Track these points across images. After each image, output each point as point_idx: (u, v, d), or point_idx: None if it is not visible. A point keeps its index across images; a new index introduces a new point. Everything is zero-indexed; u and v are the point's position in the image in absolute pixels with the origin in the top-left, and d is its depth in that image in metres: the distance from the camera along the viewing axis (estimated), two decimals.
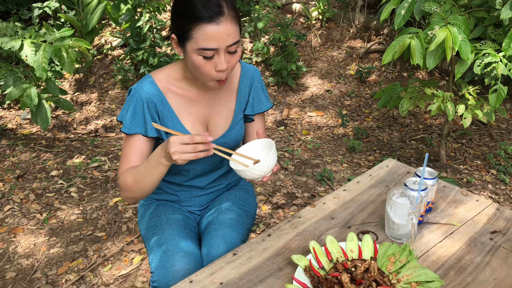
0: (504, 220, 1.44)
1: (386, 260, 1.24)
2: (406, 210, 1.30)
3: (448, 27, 2.09)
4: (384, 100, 2.71)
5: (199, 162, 1.52)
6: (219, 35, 1.23)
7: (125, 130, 1.38)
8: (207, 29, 1.22)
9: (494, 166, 2.98)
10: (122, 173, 1.38)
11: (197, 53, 1.25)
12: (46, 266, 2.17)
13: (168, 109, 1.41)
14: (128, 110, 1.39)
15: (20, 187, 2.78)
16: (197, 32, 1.22)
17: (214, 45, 1.23)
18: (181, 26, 1.26)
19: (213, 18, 1.21)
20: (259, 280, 1.22)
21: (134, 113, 1.38)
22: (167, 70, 1.44)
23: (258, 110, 1.55)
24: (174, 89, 1.42)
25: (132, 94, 1.39)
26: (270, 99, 1.61)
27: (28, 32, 2.75)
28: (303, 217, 1.48)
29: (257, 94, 1.55)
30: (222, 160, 1.59)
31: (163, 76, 1.42)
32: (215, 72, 1.28)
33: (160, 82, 1.41)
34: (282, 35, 4.06)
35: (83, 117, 3.95)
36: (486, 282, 1.19)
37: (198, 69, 1.29)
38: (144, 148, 1.40)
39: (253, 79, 1.54)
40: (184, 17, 1.24)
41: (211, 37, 1.22)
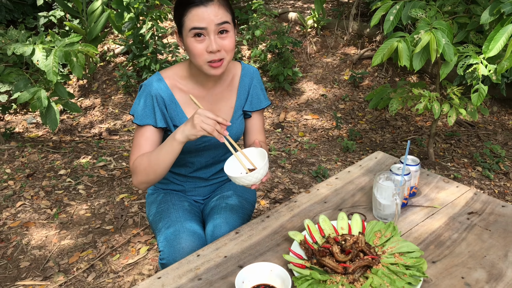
0: (480, 203, 1.60)
1: (373, 235, 1.39)
2: (391, 191, 1.45)
3: (433, 31, 2.26)
4: (375, 101, 2.87)
5: (203, 155, 1.66)
6: (207, 14, 1.38)
7: (137, 121, 1.52)
8: (196, 10, 1.38)
9: (480, 164, 3.14)
10: (135, 159, 1.51)
11: (190, 36, 1.40)
12: (58, 256, 2.31)
13: (175, 104, 1.55)
14: (139, 103, 1.53)
15: (30, 185, 2.92)
16: (188, 15, 1.39)
17: (202, 24, 1.38)
18: (178, 16, 1.43)
19: (202, 2, 1.38)
20: (259, 253, 1.36)
21: (145, 106, 1.52)
22: (174, 69, 1.58)
23: (256, 107, 1.69)
24: (180, 86, 1.56)
25: (142, 89, 1.54)
26: (268, 98, 1.76)
27: (39, 38, 2.91)
28: (298, 201, 1.63)
29: (256, 93, 1.68)
30: (224, 154, 1.73)
31: (171, 74, 1.57)
32: (207, 53, 1.41)
33: (168, 79, 1.55)
34: (279, 42, 4.24)
35: (88, 121, 4.10)
36: (461, 254, 1.34)
37: (192, 51, 1.42)
38: (155, 137, 1.54)
39: (252, 79, 1.68)
40: (179, 7, 1.42)
41: (199, 17, 1.38)
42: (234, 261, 1.33)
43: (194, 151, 1.63)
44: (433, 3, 2.53)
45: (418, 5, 2.47)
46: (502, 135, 3.61)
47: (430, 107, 2.48)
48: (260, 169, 1.35)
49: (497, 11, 2.25)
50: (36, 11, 4.94)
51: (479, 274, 1.26)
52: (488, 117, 3.90)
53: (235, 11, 4.96)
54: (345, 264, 1.23)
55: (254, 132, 1.72)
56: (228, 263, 1.32)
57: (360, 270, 1.23)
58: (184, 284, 1.25)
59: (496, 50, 2.20)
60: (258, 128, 1.72)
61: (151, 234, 2.45)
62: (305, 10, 5.42)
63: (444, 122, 3.82)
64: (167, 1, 4.21)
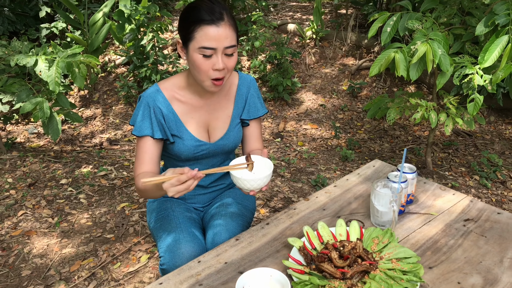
0: (476, 210, 1.62)
1: (370, 241, 1.41)
2: (388, 198, 1.48)
3: (429, 42, 2.31)
4: (373, 110, 2.91)
5: (201, 163, 1.69)
6: (218, 36, 1.41)
7: (136, 133, 1.56)
8: (208, 29, 1.40)
9: (477, 173, 3.17)
10: (137, 175, 1.53)
11: (197, 52, 1.43)
12: (59, 264, 2.32)
13: (173, 115, 1.58)
14: (138, 114, 1.57)
15: (31, 194, 2.95)
16: (199, 32, 1.41)
17: (213, 45, 1.41)
18: (185, 28, 1.45)
19: (214, 21, 1.40)
20: (259, 260, 1.39)
21: (143, 117, 1.56)
22: (172, 80, 1.62)
23: (253, 116, 1.72)
24: (178, 97, 1.59)
25: (141, 100, 1.58)
26: (265, 106, 1.79)
27: (41, 49, 2.95)
28: (297, 209, 1.66)
29: (253, 101, 1.71)
30: (223, 161, 1.76)
31: (169, 85, 1.60)
32: (212, 71, 1.45)
33: (166, 90, 1.58)
34: (278, 53, 4.29)
35: (88, 131, 4.13)
36: (457, 260, 1.37)
37: (198, 67, 1.45)
38: (154, 149, 1.57)
39: (249, 88, 1.71)
40: (188, 20, 1.44)
41: (210, 37, 1.40)
42: (235, 267, 1.35)
43: (193, 159, 1.65)
44: (429, 15, 2.59)
45: (415, 17, 2.52)
46: (500, 144, 3.65)
47: (427, 116, 2.52)
48: (265, 177, 1.37)
49: (492, 23, 2.30)
50: (38, 23, 5.00)
51: (475, 279, 1.28)
52: (485, 126, 3.94)
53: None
54: (343, 269, 1.26)
55: (252, 140, 1.75)
56: (228, 269, 1.35)
57: (358, 275, 1.25)
58: None
59: (491, 61, 2.24)
60: (256, 136, 1.75)
61: (152, 243, 2.47)
62: (304, 21, 5.49)
63: (442, 132, 3.86)
64: (167, 13, 4.27)
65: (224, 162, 1.76)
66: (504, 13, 2.24)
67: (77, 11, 4.35)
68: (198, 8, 1.42)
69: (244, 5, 5.13)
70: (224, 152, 1.71)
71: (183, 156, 1.63)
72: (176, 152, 1.62)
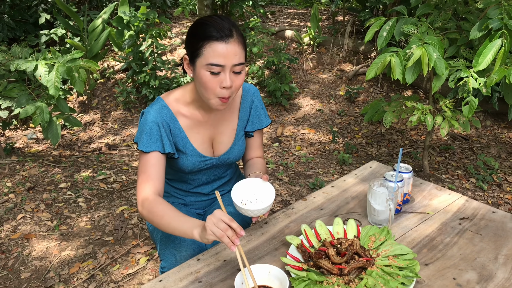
0: (471, 209, 1.65)
1: (367, 239, 1.43)
2: (385, 197, 1.50)
3: (424, 46, 2.34)
4: (370, 114, 2.94)
5: (204, 172, 1.69)
6: (227, 53, 1.38)
7: (143, 149, 1.49)
8: (217, 46, 1.37)
9: (474, 175, 3.20)
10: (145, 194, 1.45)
11: (205, 69, 1.40)
12: (58, 267, 2.33)
13: (179, 130, 1.56)
14: (143, 131, 1.51)
15: (31, 198, 2.96)
16: (207, 48, 1.38)
17: (221, 62, 1.38)
18: (194, 45, 1.41)
19: (223, 37, 1.37)
20: (257, 257, 1.41)
21: (150, 134, 1.50)
22: (176, 94, 1.58)
23: (257, 127, 1.70)
24: (183, 112, 1.57)
25: (145, 116, 1.53)
26: (268, 116, 1.78)
27: (42, 54, 2.98)
28: (295, 209, 1.68)
29: (256, 113, 1.70)
30: (225, 171, 1.76)
31: (174, 100, 1.57)
32: (220, 88, 1.42)
33: (171, 105, 1.55)
34: (276, 59, 4.33)
35: (87, 136, 4.15)
36: (453, 257, 1.39)
37: (205, 84, 1.42)
38: (161, 162, 1.52)
39: (253, 99, 1.69)
40: (196, 37, 1.41)
41: (219, 53, 1.37)
42: (233, 265, 1.37)
43: (196, 171, 1.65)
44: (424, 20, 2.63)
45: (410, 22, 2.56)
46: (496, 148, 3.68)
47: (424, 119, 2.55)
48: (267, 207, 1.41)
49: (486, 27, 2.34)
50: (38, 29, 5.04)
51: (470, 275, 1.30)
52: (481, 131, 3.97)
53: None
54: (340, 265, 1.27)
55: (253, 148, 1.75)
56: (227, 267, 1.36)
57: (355, 272, 1.27)
58: (184, 286, 1.29)
59: (485, 64, 2.27)
60: (258, 145, 1.75)
61: (151, 245, 2.48)
62: (302, 28, 5.54)
63: (438, 136, 3.89)
64: (166, 19, 4.32)
65: (226, 171, 1.76)
66: (498, 18, 2.28)
67: (76, 18, 4.39)
68: (207, 24, 1.40)
69: (242, 11, 5.19)
70: (227, 164, 1.72)
71: (187, 170, 1.63)
72: (180, 167, 1.61)
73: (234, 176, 1.84)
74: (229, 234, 1.22)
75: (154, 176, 1.50)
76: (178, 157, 1.58)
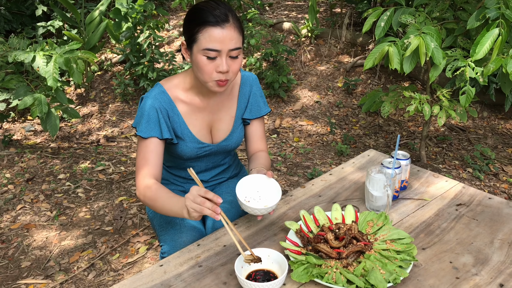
0: (468, 196, 1.67)
1: (365, 224, 1.45)
2: (382, 183, 1.52)
3: (422, 36, 2.35)
4: (368, 104, 2.96)
5: (203, 160, 1.70)
6: (223, 38, 1.39)
7: (142, 134, 1.52)
8: (213, 31, 1.39)
9: (470, 165, 3.22)
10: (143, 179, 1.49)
11: (201, 54, 1.41)
12: (58, 256, 2.35)
13: (177, 116, 1.58)
14: (142, 116, 1.53)
15: (30, 189, 2.97)
16: (203, 34, 1.40)
17: (217, 47, 1.40)
18: (190, 30, 1.43)
19: (219, 22, 1.39)
20: (257, 242, 1.42)
21: (148, 119, 1.52)
22: (175, 80, 1.60)
23: (256, 115, 1.71)
24: (182, 98, 1.58)
25: (144, 101, 1.55)
26: (267, 105, 1.79)
27: (40, 45, 2.98)
28: (294, 196, 1.70)
29: (255, 100, 1.70)
30: (224, 158, 1.78)
31: (172, 86, 1.58)
32: (216, 72, 1.44)
33: (170, 91, 1.57)
34: (274, 51, 4.33)
35: (85, 128, 4.15)
36: (450, 241, 1.41)
37: (201, 68, 1.44)
38: (159, 149, 1.54)
39: (252, 86, 1.70)
40: (193, 22, 1.42)
41: (215, 39, 1.39)
42: (233, 249, 1.39)
43: (195, 158, 1.67)
44: (422, 10, 2.63)
45: (408, 12, 2.57)
46: (492, 139, 3.71)
47: (421, 109, 2.56)
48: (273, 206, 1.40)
49: (483, 17, 2.35)
50: (35, 22, 5.02)
51: (466, 258, 1.32)
52: (478, 121, 4.00)
53: None
54: (338, 249, 1.29)
55: (255, 139, 1.75)
56: (227, 251, 1.38)
57: (354, 255, 1.29)
58: (185, 270, 1.30)
59: (483, 54, 2.29)
60: (260, 135, 1.74)
61: (150, 234, 2.50)
62: (299, 20, 5.54)
63: (436, 127, 3.91)
64: (164, 11, 4.31)
65: (225, 159, 1.77)
66: (495, 7, 2.29)
67: (73, 10, 4.38)
68: (203, 10, 1.41)
69: (239, 3, 5.18)
70: (226, 151, 1.73)
71: (185, 157, 1.64)
72: (179, 153, 1.62)
73: (233, 164, 1.85)
74: (207, 205, 1.25)
75: (152, 162, 1.52)
76: (176, 143, 1.60)
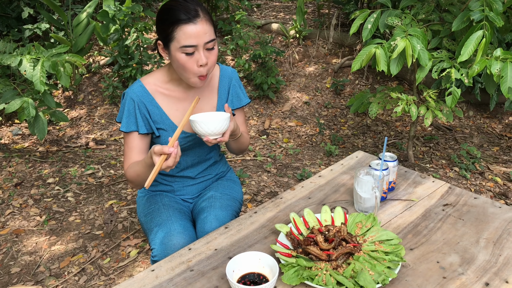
0: (454, 195, 1.70)
1: (354, 226, 1.47)
2: (371, 185, 1.54)
3: (408, 38, 2.39)
4: (356, 105, 2.99)
5: (188, 154, 1.74)
6: (197, 33, 1.46)
7: (123, 129, 1.60)
8: (186, 28, 1.45)
9: (457, 164, 3.27)
10: (127, 168, 1.60)
11: (180, 51, 1.48)
12: (48, 261, 2.34)
13: (157, 108, 1.63)
14: (123, 111, 1.61)
15: (18, 193, 2.95)
16: (178, 32, 1.46)
17: (193, 42, 1.46)
18: (164, 30, 1.49)
19: (191, 19, 1.45)
20: (248, 246, 1.44)
21: (128, 113, 1.60)
22: (155, 74, 1.67)
23: (237, 105, 1.78)
24: (161, 90, 1.64)
25: (125, 97, 1.62)
26: (247, 96, 1.85)
27: (26, 49, 2.96)
28: (284, 198, 1.71)
29: (235, 91, 1.78)
30: (209, 153, 1.81)
31: (151, 80, 1.65)
32: (197, 67, 1.50)
33: (148, 85, 1.63)
34: (262, 52, 4.35)
35: (74, 131, 4.12)
36: (437, 241, 1.44)
37: (182, 66, 1.50)
38: (141, 144, 1.63)
39: (231, 79, 1.77)
40: (166, 22, 1.48)
41: (190, 35, 1.45)
42: (224, 253, 1.40)
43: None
44: (408, 12, 2.67)
45: (394, 14, 2.60)
46: (478, 137, 3.77)
47: (408, 110, 2.60)
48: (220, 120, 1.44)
49: (467, 19, 2.39)
50: (21, 24, 4.96)
51: (453, 258, 1.35)
52: (464, 121, 4.06)
53: (219, 23, 5.07)
54: (328, 251, 1.31)
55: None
56: (218, 255, 1.39)
57: (343, 257, 1.31)
58: (177, 275, 1.31)
59: (467, 55, 2.33)
60: (241, 122, 1.83)
61: (141, 238, 2.50)
62: (287, 21, 5.56)
63: (423, 127, 3.96)
64: (152, 13, 4.30)
65: (210, 152, 1.81)
66: (479, 9, 2.33)
67: (60, 12, 4.35)
68: (173, 9, 1.47)
69: (227, 4, 5.18)
70: None
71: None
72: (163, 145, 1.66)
73: (220, 161, 1.89)
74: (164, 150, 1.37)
75: (134, 156, 1.61)
76: (159, 135, 1.65)
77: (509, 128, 3.93)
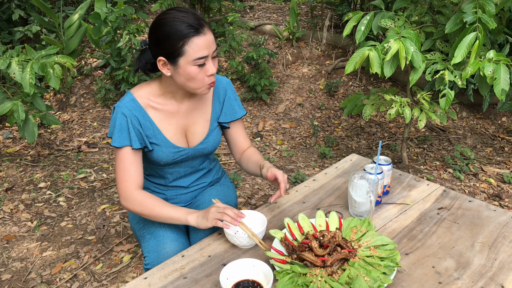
0: (449, 199, 1.69)
1: (349, 231, 1.46)
2: (365, 189, 1.53)
3: (402, 40, 2.38)
4: (350, 107, 2.98)
5: (181, 165, 1.70)
6: (207, 43, 1.45)
7: (115, 144, 1.53)
8: (198, 39, 1.42)
9: (451, 166, 3.28)
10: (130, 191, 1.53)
11: (191, 64, 1.44)
12: (40, 267, 2.30)
13: (149, 122, 1.58)
14: (115, 126, 1.55)
15: (9, 198, 2.91)
16: (190, 45, 1.42)
17: (205, 53, 1.45)
18: (172, 46, 1.43)
19: (199, 30, 1.42)
20: (242, 252, 1.42)
21: (120, 128, 1.54)
22: (146, 88, 1.60)
23: (231, 118, 1.73)
24: (153, 105, 1.59)
25: (116, 111, 1.56)
26: (243, 107, 1.80)
27: (15, 51, 2.92)
28: (278, 202, 1.70)
29: (230, 104, 1.73)
30: (202, 163, 1.77)
31: (143, 93, 1.59)
32: (207, 77, 1.49)
33: (140, 98, 1.57)
34: (255, 54, 4.33)
35: (66, 135, 4.08)
36: (432, 246, 1.43)
37: (194, 78, 1.47)
38: (137, 158, 1.57)
39: (226, 90, 1.72)
40: (172, 38, 1.42)
41: (202, 46, 1.43)
42: (218, 260, 1.38)
43: (172, 163, 1.66)
44: (401, 14, 2.67)
45: (387, 16, 2.60)
46: (472, 138, 3.78)
47: (402, 112, 2.60)
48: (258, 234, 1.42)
49: (460, 21, 2.39)
50: (11, 26, 4.91)
51: (448, 263, 1.34)
52: (458, 122, 4.06)
53: (212, 24, 5.05)
54: (323, 257, 1.30)
55: (240, 140, 1.78)
56: (212, 262, 1.37)
57: (338, 263, 1.29)
58: (170, 283, 1.29)
59: (461, 57, 2.33)
60: (242, 135, 1.78)
61: (134, 243, 2.47)
62: (281, 22, 5.55)
63: (416, 128, 3.97)
64: (144, 15, 4.27)
65: (203, 163, 1.77)
66: (472, 11, 2.33)
67: (51, 14, 4.31)
68: (177, 23, 1.42)
69: (220, 6, 5.16)
70: (203, 155, 1.73)
71: (162, 162, 1.64)
72: (155, 159, 1.63)
73: (214, 168, 1.85)
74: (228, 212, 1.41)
75: (132, 171, 1.55)
76: (151, 149, 1.61)
77: (502, 129, 3.95)
